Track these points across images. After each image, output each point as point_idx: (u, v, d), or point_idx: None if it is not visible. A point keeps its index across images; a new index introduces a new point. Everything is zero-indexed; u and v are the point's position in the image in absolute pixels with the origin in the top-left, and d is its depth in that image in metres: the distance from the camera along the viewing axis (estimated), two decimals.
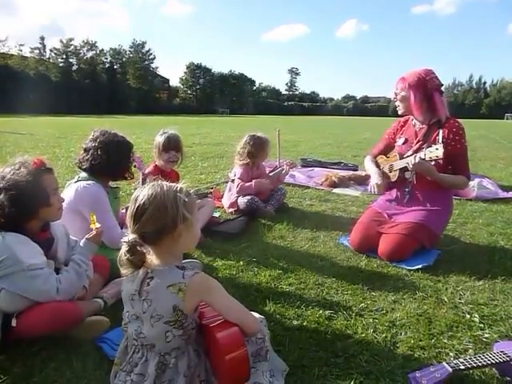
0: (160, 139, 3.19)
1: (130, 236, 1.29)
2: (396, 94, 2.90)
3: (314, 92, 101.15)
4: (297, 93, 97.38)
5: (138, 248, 1.29)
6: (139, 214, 1.26)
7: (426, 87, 2.74)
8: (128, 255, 1.28)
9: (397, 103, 2.93)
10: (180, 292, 1.24)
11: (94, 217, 1.89)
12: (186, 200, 1.30)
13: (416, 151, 2.76)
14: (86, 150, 2.35)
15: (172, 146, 3.20)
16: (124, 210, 2.69)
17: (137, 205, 1.27)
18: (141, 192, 1.30)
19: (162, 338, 1.27)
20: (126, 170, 2.46)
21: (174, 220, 1.27)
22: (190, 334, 1.30)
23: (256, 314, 1.46)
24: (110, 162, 2.32)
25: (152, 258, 1.33)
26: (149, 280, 1.29)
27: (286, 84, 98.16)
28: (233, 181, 3.94)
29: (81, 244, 1.86)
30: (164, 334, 1.26)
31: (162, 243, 1.30)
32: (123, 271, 1.33)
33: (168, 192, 1.29)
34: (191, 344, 1.32)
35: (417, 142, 2.85)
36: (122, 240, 1.30)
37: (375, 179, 2.97)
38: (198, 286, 1.27)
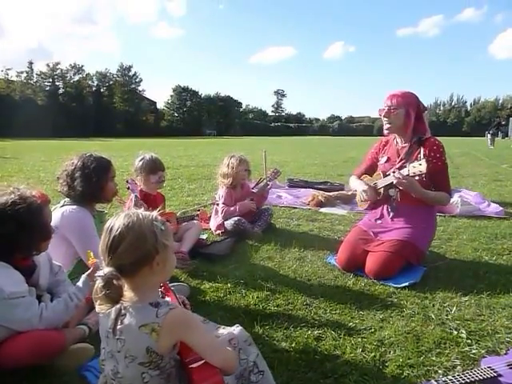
0: (144, 163, 3.19)
1: (105, 269, 1.21)
2: (389, 110, 2.82)
3: (300, 113, 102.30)
4: (283, 114, 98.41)
5: (115, 282, 1.21)
6: (115, 244, 1.19)
7: (419, 107, 2.84)
8: (104, 290, 1.20)
9: (386, 119, 2.86)
10: (153, 332, 1.16)
11: (91, 253, 1.78)
12: (163, 228, 1.25)
13: (399, 169, 2.81)
14: (62, 177, 2.35)
15: (159, 166, 3.24)
16: None
17: (112, 235, 1.20)
18: (115, 221, 1.23)
19: (139, 379, 1.20)
20: (105, 193, 2.41)
21: (154, 248, 1.21)
22: (169, 372, 1.23)
23: (237, 330, 1.43)
24: (85, 190, 2.29)
25: (128, 292, 1.25)
26: (122, 318, 1.21)
27: (273, 105, 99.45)
28: (218, 204, 3.94)
29: (81, 280, 1.80)
30: (140, 376, 1.19)
31: (139, 275, 1.23)
32: (98, 307, 1.26)
33: (145, 220, 1.23)
34: (172, 382, 1.25)
35: (399, 161, 2.91)
36: (97, 274, 1.23)
37: (361, 187, 2.99)
38: (172, 325, 1.18)
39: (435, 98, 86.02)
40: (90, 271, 1.79)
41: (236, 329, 1.43)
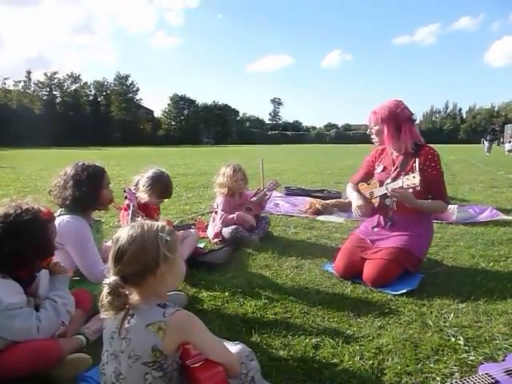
0: (157, 184, 3.06)
1: (111, 278, 1.26)
2: (370, 128, 3.00)
3: (297, 121, 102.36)
4: (280, 122, 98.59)
5: (120, 290, 1.25)
6: (120, 255, 1.25)
7: (397, 120, 2.84)
8: (109, 298, 1.24)
9: (372, 136, 3.02)
10: (160, 331, 1.20)
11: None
12: (168, 239, 1.29)
13: (394, 179, 2.83)
14: (56, 188, 2.35)
15: (167, 194, 3.15)
16: (107, 243, 2.66)
17: (117, 246, 1.26)
18: (122, 233, 1.29)
19: (142, 380, 1.22)
20: (100, 200, 2.41)
21: (155, 260, 1.25)
22: (171, 375, 1.25)
23: (240, 346, 1.44)
24: (79, 198, 2.29)
25: (135, 299, 1.30)
26: (129, 317, 1.25)
27: (270, 114, 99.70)
28: (216, 212, 3.94)
29: (50, 282, 1.83)
30: (143, 377, 1.22)
31: (145, 284, 1.27)
32: (103, 315, 1.28)
33: (149, 232, 1.28)
34: None
35: (395, 170, 2.93)
36: (103, 282, 1.27)
37: (356, 202, 3.03)
38: (178, 325, 1.23)
39: (431, 105, 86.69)
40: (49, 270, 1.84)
41: (237, 345, 1.45)
